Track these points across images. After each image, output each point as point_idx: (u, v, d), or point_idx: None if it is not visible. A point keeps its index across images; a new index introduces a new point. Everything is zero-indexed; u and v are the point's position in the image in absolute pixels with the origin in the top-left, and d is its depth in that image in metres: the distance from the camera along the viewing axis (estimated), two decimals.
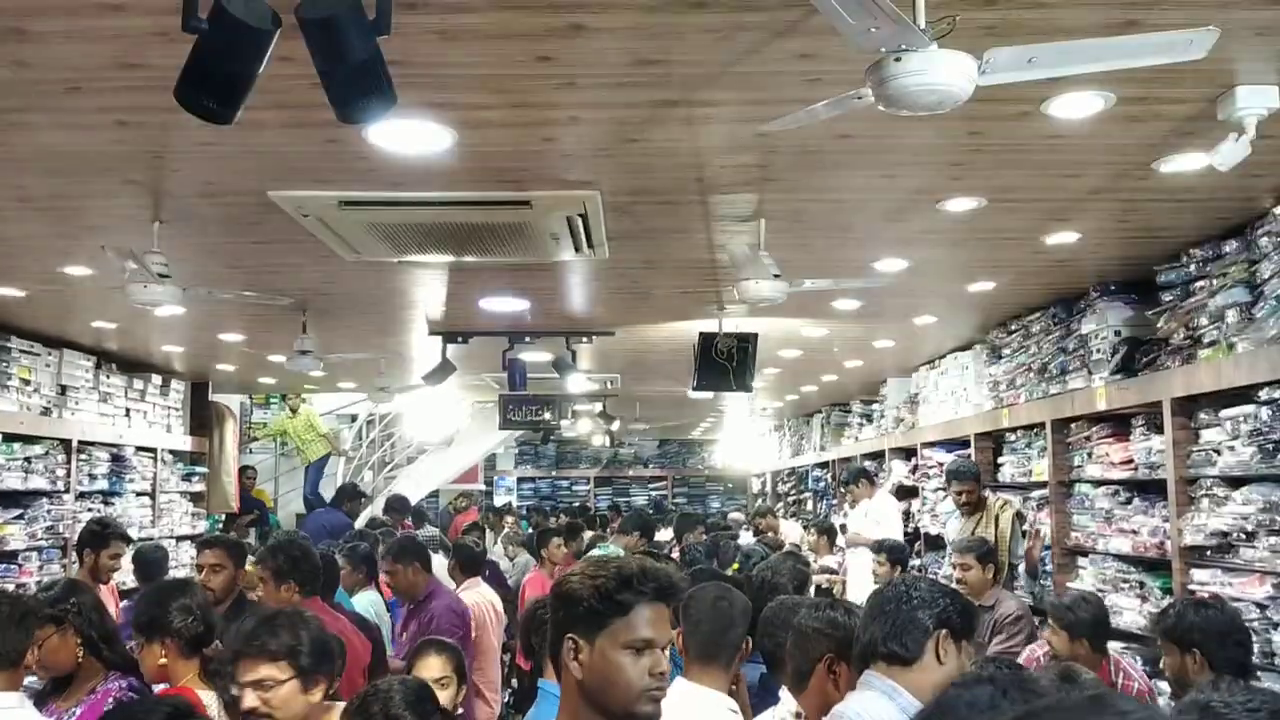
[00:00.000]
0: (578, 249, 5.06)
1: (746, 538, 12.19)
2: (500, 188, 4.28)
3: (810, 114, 2.96)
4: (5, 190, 4.30)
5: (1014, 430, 7.44)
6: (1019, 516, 6.82)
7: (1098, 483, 6.26)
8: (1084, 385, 6.20)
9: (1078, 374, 6.30)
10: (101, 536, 5.77)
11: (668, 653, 2.11)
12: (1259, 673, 4.41)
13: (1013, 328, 7.26)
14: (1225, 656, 3.58)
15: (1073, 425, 6.54)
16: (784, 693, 3.15)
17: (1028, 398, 7.05)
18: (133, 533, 7.78)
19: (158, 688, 3.37)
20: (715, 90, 3.32)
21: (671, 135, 3.71)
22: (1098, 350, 6.03)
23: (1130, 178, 4.20)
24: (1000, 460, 7.81)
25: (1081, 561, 6.43)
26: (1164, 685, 4.19)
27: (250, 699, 2.69)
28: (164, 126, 3.57)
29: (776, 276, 4.79)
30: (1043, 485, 6.91)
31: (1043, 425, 6.79)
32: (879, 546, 7.30)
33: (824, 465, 13.66)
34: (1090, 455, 6.33)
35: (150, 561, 6.48)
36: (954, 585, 5.39)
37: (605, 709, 2.06)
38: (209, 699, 3.28)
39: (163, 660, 3.29)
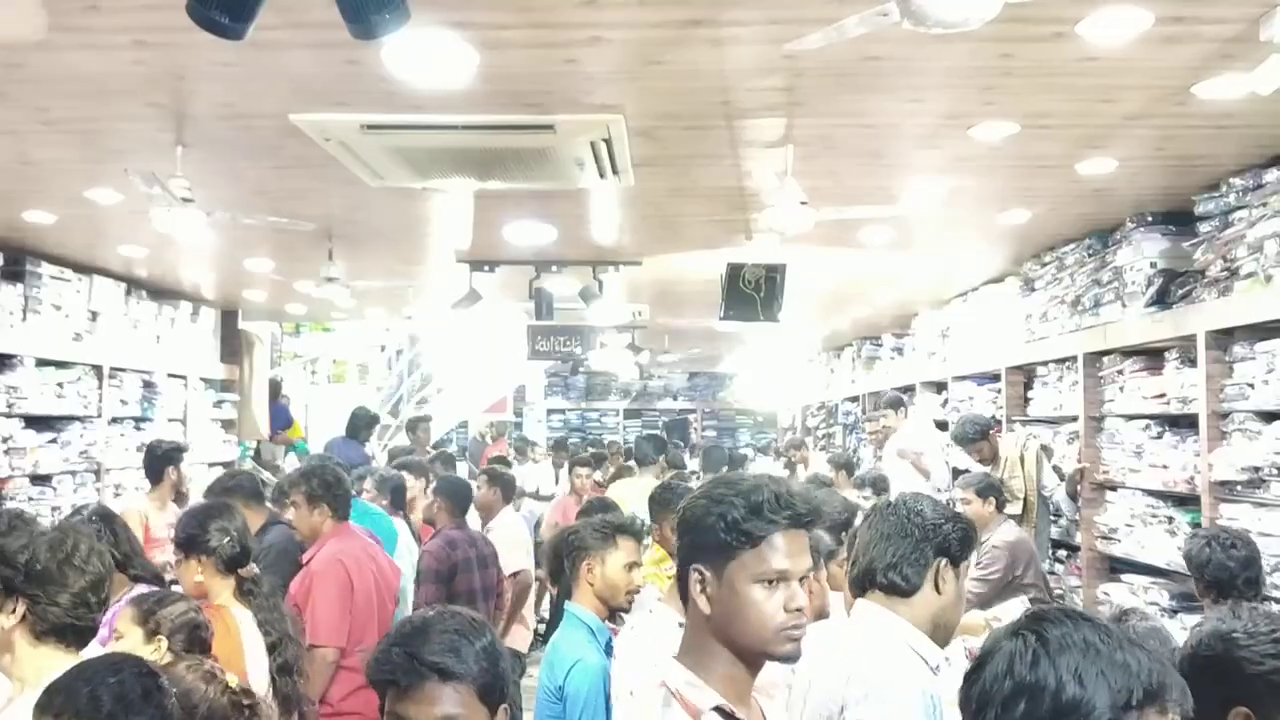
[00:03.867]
0: (602, 175, 5.00)
1: (771, 466, 12.23)
2: (523, 111, 4.23)
3: (837, 31, 2.89)
4: (29, 112, 4.29)
5: (1045, 363, 7.36)
6: (1044, 449, 6.79)
7: (1129, 417, 6.19)
8: (1118, 318, 6.10)
9: (1111, 306, 6.20)
10: (181, 451, 6.29)
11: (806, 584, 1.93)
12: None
13: (1046, 259, 7.14)
14: (1208, 583, 3.77)
15: (1105, 359, 6.45)
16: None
17: (1060, 331, 6.95)
18: None
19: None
20: (740, 9, 3.24)
21: (696, 56, 3.63)
22: (1132, 282, 5.92)
23: (1168, 103, 4.08)
24: (1030, 394, 7.73)
25: (1110, 496, 6.38)
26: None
27: None
28: (183, 46, 3.53)
29: (804, 204, 4.71)
30: (1073, 419, 6.85)
31: (1075, 358, 6.71)
32: (861, 481, 7.26)
33: (854, 399, 13.60)
34: (1122, 389, 6.24)
35: None
36: None
37: (737, 646, 1.89)
38: (244, 615, 3.36)
39: (199, 576, 3.37)
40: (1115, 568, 6.31)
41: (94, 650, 2.70)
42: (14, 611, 2.31)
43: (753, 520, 1.85)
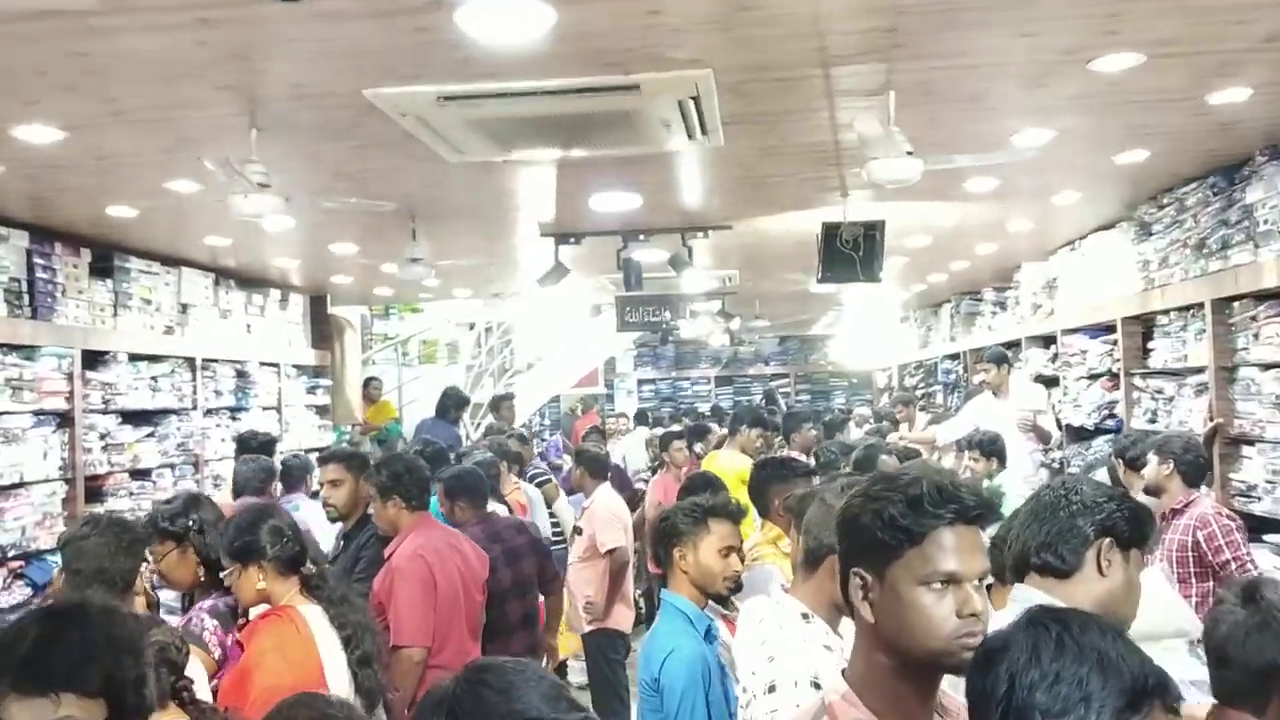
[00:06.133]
0: (690, 136, 4.75)
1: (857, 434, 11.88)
2: (606, 72, 3.98)
3: None
4: (98, 104, 4.17)
5: (1167, 312, 6.92)
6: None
7: (1266, 366, 5.76)
8: (1250, 260, 5.66)
9: (1242, 248, 5.75)
10: (275, 443, 6.47)
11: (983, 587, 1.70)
12: None
13: (1165, 201, 6.68)
14: None
15: (1236, 304, 6.00)
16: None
17: (1183, 276, 6.51)
18: None
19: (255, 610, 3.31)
20: None
21: None
22: (1265, 221, 5.47)
23: None
24: (1150, 345, 7.30)
25: (1247, 451, 5.95)
26: None
27: None
28: (246, 22, 3.38)
29: (910, 154, 4.40)
30: (1200, 370, 6.42)
31: (1201, 305, 6.27)
32: (968, 442, 6.89)
33: (954, 356, 13.16)
34: (1257, 336, 5.80)
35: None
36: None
37: (905, 657, 1.68)
38: (313, 612, 3.22)
39: (260, 583, 3.23)
40: (1255, 528, 5.89)
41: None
42: None
43: (912, 516, 1.64)
